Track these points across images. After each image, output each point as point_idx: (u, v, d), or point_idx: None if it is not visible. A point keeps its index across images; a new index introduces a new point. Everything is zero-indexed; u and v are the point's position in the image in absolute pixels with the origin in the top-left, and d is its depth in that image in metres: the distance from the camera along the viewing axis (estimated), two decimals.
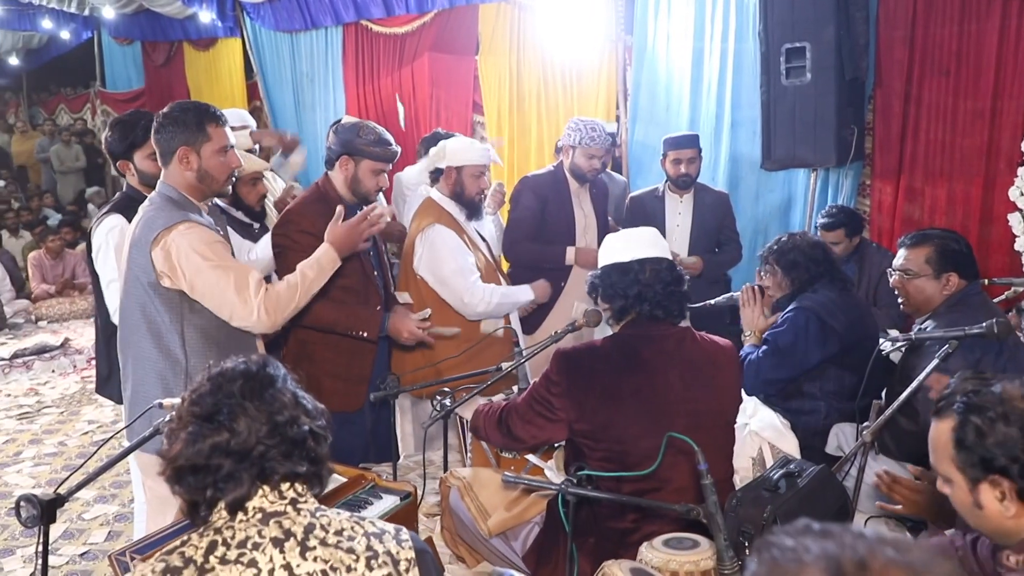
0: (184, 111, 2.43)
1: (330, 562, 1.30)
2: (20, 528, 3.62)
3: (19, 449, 4.83)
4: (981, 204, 4.13)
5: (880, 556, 0.74)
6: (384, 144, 3.01)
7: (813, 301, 2.98)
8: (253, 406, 1.32)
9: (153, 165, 2.93)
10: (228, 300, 2.34)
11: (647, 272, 2.26)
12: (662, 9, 5.32)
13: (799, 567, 0.75)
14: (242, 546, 1.28)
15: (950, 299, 2.71)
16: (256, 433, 1.31)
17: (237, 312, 2.36)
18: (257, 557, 1.27)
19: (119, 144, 2.99)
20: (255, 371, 1.38)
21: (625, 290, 2.27)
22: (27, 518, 1.73)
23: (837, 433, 2.88)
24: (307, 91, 8.20)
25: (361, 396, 3.09)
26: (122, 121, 3.03)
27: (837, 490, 2.30)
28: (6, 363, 6.32)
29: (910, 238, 2.83)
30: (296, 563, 1.28)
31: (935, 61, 4.21)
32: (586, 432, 2.20)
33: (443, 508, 2.64)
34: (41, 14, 10.39)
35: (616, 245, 2.37)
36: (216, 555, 1.27)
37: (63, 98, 13.82)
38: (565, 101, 6.06)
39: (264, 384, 1.36)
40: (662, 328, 2.28)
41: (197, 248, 2.31)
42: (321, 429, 1.40)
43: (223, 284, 2.33)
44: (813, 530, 0.78)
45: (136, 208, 2.88)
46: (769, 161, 4.35)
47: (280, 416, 1.34)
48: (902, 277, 2.80)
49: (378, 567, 1.32)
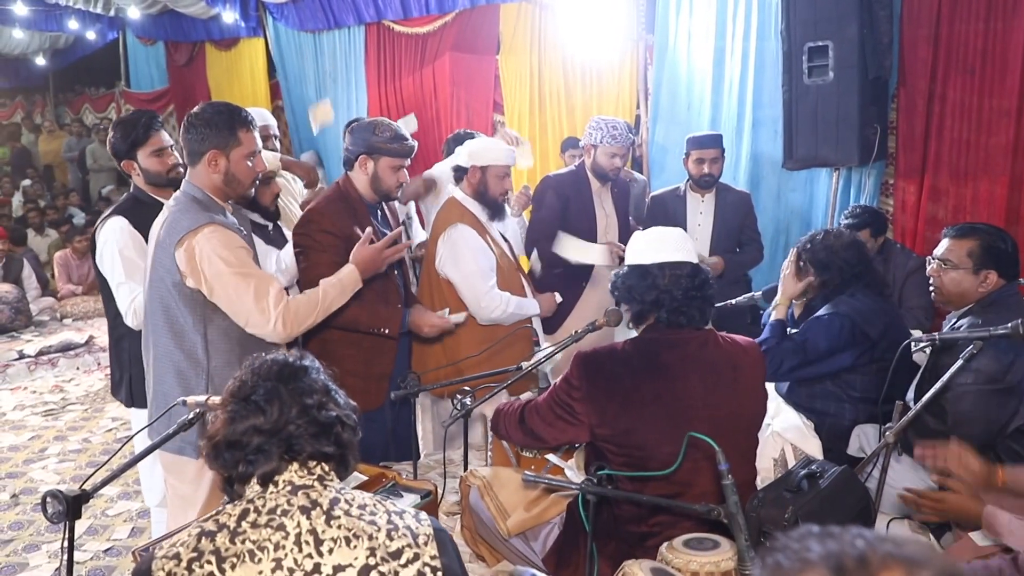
0: (217, 113, 2.42)
1: (353, 530, 1.38)
2: (45, 524, 3.67)
3: (44, 445, 4.89)
4: (1007, 204, 4.08)
5: (879, 551, 0.77)
6: (401, 140, 3.03)
7: (851, 307, 2.89)
8: (286, 390, 1.43)
9: (157, 163, 2.96)
10: (246, 307, 2.35)
11: (666, 277, 2.21)
12: (683, 8, 5.29)
13: (803, 566, 0.78)
14: (272, 512, 1.38)
15: (985, 298, 2.64)
16: (287, 414, 1.41)
17: (254, 320, 2.37)
18: (285, 522, 1.37)
19: (122, 144, 2.96)
20: (291, 361, 1.50)
21: (642, 295, 2.23)
22: (53, 514, 1.75)
23: (859, 435, 2.85)
24: (329, 91, 8.24)
25: (382, 394, 3.11)
26: (123, 121, 3.00)
27: (859, 491, 2.27)
28: (32, 360, 6.40)
29: (956, 229, 2.73)
30: (321, 529, 1.37)
31: (960, 59, 4.15)
32: (607, 436, 2.18)
33: (463, 507, 2.64)
34: (67, 15, 10.52)
35: (640, 245, 2.33)
36: (248, 520, 1.37)
37: (88, 98, 13.98)
38: (585, 100, 6.05)
39: (299, 373, 1.48)
40: (683, 332, 2.24)
41: (220, 253, 2.32)
42: (349, 418, 1.50)
43: (242, 291, 2.34)
44: (814, 533, 0.81)
45: (142, 210, 2.90)
46: (791, 160, 4.32)
47: (310, 399, 1.44)
48: (940, 266, 2.70)
49: (398, 538, 1.41)
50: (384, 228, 3.22)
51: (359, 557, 1.36)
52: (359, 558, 1.36)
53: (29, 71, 13.66)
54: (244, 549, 1.33)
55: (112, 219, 2.92)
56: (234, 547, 1.34)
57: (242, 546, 1.34)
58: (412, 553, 1.40)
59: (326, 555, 1.35)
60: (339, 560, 1.35)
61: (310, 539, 1.36)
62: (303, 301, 2.47)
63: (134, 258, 2.85)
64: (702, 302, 2.25)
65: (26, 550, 3.60)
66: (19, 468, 4.54)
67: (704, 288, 2.25)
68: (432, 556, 1.41)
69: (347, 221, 2.99)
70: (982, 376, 2.51)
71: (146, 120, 2.95)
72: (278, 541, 1.35)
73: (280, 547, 1.35)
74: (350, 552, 1.36)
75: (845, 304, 2.92)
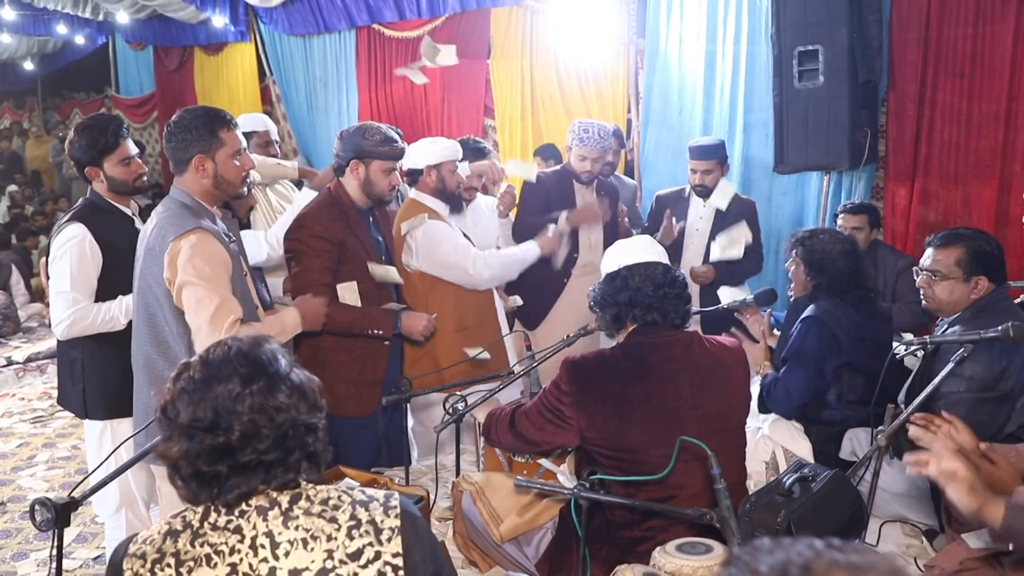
0: (195, 118, 2.40)
1: (311, 531, 1.35)
2: (34, 532, 3.64)
3: (33, 453, 4.85)
4: (996, 206, 4.11)
5: (824, 559, 0.81)
6: (391, 142, 3.02)
7: (821, 310, 2.89)
8: (253, 416, 1.32)
9: (124, 171, 2.88)
10: (199, 323, 2.31)
11: (636, 277, 2.24)
12: (674, 12, 5.31)
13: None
14: (230, 512, 1.36)
15: (977, 303, 2.62)
16: (257, 448, 1.32)
17: (200, 338, 2.32)
18: (242, 524, 1.35)
19: (89, 150, 2.84)
20: (252, 374, 1.35)
21: (615, 296, 2.26)
22: (41, 521, 1.74)
23: (851, 438, 2.85)
24: (320, 95, 8.23)
25: (375, 400, 3.10)
26: (90, 126, 2.87)
27: (851, 495, 2.28)
28: (20, 367, 6.35)
29: (940, 238, 2.70)
30: (278, 531, 1.34)
31: (949, 63, 4.18)
32: (597, 441, 2.19)
33: (455, 513, 2.63)
34: (56, 19, 10.46)
35: (609, 258, 2.37)
36: (209, 521, 1.35)
37: (77, 103, 13.91)
38: (576, 104, 6.06)
39: (264, 388, 1.35)
40: (667, 334, 2.26)
41: (196, 263, 2.29)
42: (319, 418, 1.41)
43: (203, 307, 2.29)
44: (765, 545, 0.85)
45: (101, 217, 2.86)
46: (782, 164, 4.33)
47: (280, 417, 1.34)
48: (929, 278, 2.68)
49: (359, 536, 1.36)
50: (376, 234, 3.21)
51: (316, 560, 1.34)
52: (316, 561, 1.34)
53: (17, 76, 13.57)
54: (201, 553, 1.33)
55: (70, 226, 2.82)
56: (193, 550, 1.33)
57: (200, 550, 1.33)
58: (373, 552, 1.36)
59: (282, 559, 1.34)
60: (295, 564, 1.34)
61: (266, 542, 1.34)
62: (246, 333, 2.43)
63: (89, 270, 2.79)
64: (676, 300, 2.26)
65: (14, 558, 3.57)
66: (7, 476, 4.50)
67: (676, 285, 2.27)
68: (394, 554, 1.37)
69: (339, 226, 2.99)
70: (975, 383, 2.51)
71: (114, 127, 2.86)
72: (234, 545, 1.33)
73: (236, 551, 1.33)
74: (307, 555, 1.34)
75: (818, 307, 2.90)
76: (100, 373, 2.91)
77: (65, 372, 3.05)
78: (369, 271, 3.09)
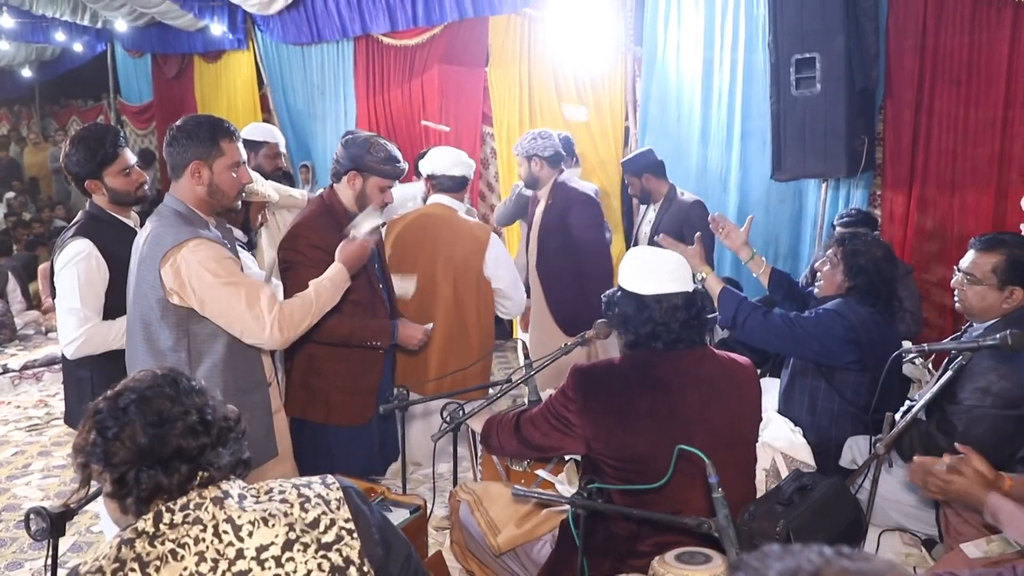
0: (198, 125, 2.39)
1: (268, 510, 1.41)
2: (29, 541, 3.63)
3: (28, 461, 4.83)
4: (993, 214, 4.10)
5: (834, 566, 0.81)
6: (394, 162, 3.01)
7: (848, 307, 2.84)
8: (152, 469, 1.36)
9: (125, 182, 2.83)
10: (240, 316, 2.31)
11: (662, 311, 2.17)
12: (672, 20, 5.32)
13: None
14: (185, 509, 1.37)
15: (1010, 314, 2.56)
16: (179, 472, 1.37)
17: (249, 328, 2.33)
18: (201, 515, 1.37)
19: (87, 163, 2.77)
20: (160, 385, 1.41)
21: (637, 328, 2.20)
22: (36, 531, 1.73)
23: (851, 446, 2.83)
24: (318, 103, 8.24)
25: (370, 409, 3.09)
26: (86, 138, 2.79)
27: (851, 503, 2.27)
28: (16, 375, 6.33)
29: (982, 241, 2.63)
30: (237, 515, 1.38)
31: (946, 71, 4.19)
32: (603, 450, 2.16)
33: (453, 522, 2.62)
34: (54, 27, 10.47)
35: (635, 266, 2.27)
36: (164, 522, 1.36)
37: (76, 110, 13.93)
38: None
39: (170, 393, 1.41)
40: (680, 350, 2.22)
41: (207, 265, 2.28)
42: (227, 420, 1.45)
43: (234, 301, 2.30)
44: (775, 552, 0.85)
45: (105, 230, 2.80)
46: (780, 172, 4.34)
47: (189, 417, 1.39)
48: (964, 280, 2.62)
49: (312, 508, 1.44)
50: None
51: (279, 534, 1.39)
52: (279, 535, 1.39)
53: (15, 83, 13.58)
54: (165, 550, 1.34)
55: (77, 241, 2.75)
56: (155, 549, 1.33)
57: (163, 547, 1.34)
58: (328, 519, 1.44)
59: (247, 539, 1.37)
60: (260, 541, 1.38)
61: (228, 527, 1.37)
62: (297, 304, 2.43)
63: (97, 286, 2.74)
64: (699, 324, 2.22)
65: (9, 568, 3.55)
66: (2, 484, 4.48)
67: (700, 311, 2.23)
68: (346, 519, 1.45)
69: (335, 235, 2.97)
70: (1001, 400, 2.45)
71: (112, 137, 2.81)
72: (197, 535, 1.35)
73: (200, 540, 1.35)
74: (270, 531, 1.39)
75: (843, 306, 2.87)
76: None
77: (72, 391, 2.99)
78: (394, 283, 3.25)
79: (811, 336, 2.81)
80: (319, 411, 3.02)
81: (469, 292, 3.60)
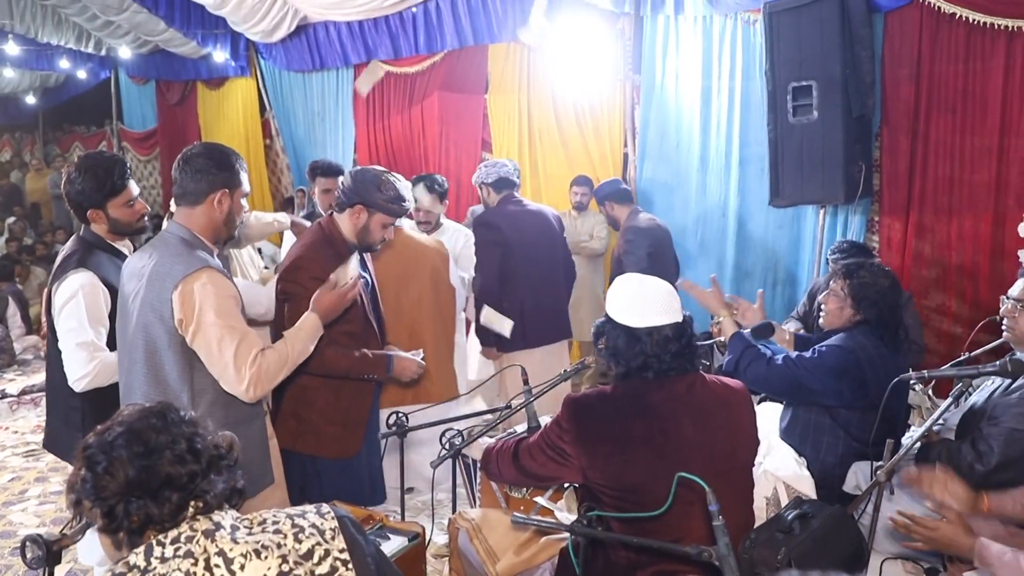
0: (223, 154, 2.40)
1: (260, 542, 1.39)
2: (24, 569, 3.59)
3: (25, 487, 4.80)
4: (991, 240, 4.12)
5: None
6: (401, 201, 2.98)
7: (858, 343, 2.81)
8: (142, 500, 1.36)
9: (129, 213, 2.81)
10: (223, 365, 2.29)
11: (653, 343, 2.16)
12: (670, 48, 5.38)
13: None
14: (176, 542, 1.36)
15: None
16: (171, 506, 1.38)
17: (227, 378, 2.31)
18: (192, 548, 1.36)
19: (94, 193, 2.72)
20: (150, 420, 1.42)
21: (628, 361, 2.19)
22: (32, 559, 1.71)
23: (856, 471, 2.81)
24: (318, 129, 8.29)
25: (358, 441, 3.06)
26: (93, 167, 2.73)
27: (852, 531, 2.25)
28: (14, 400, 6.31)
29: None
30: (228, 548, 1.37)
31: (941, 99, 4.22)
32: (599, 479, 2.14)
33: (452, 550, 2.60)
34: (59, 54, 10.56)
35: (625, 296, 2.26)
36: (155, 556, 1.35)
37: (78, 136, 14.00)
38: (573, 139, 6.11)
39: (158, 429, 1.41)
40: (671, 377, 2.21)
41: (213, 302, 2.27)
42: (218, 448, 1.46)
43: (224, 347, 2.28)
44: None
45: (102, 259, 2.76)
46: (778, 198, 4.36)
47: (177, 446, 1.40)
48: (1014, 307, 2.59)
49: (306, 539, 1.44)
50: (363, 272, 3.18)
51: (272, 567, 1.37)
52: (272, 567, 1.37)
53: (19, 109, 13.65)
54: None
55: (80, 273, 2.69)
56: None
57: None
58: (323, 550, 1.43)
59: (239, 572, 1.35)
60: (253, 574, 1.36)
61: (220, 561, 1.35)
62: (273, 360, 2.39)
63: (104, 318, 2.71)
64: (690, 352, 2.22)
65: None
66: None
67: (690, 342, 2.22)
68: (341, 549, 1.45)
69: (334, 266, 2.94)
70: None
71: (120, 169, 2.77)
72: (188, 569, 1.34)
73: (191, 574, 1.34)
74: (262, 564, 1.37)
75: (853, 339, 2.83)
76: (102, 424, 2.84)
77: (58, 417, 2.92)
78: None
79: (813, 376, 2.78)
80: (309, 443, 2.99)
81: (445, 300, 3.98)
